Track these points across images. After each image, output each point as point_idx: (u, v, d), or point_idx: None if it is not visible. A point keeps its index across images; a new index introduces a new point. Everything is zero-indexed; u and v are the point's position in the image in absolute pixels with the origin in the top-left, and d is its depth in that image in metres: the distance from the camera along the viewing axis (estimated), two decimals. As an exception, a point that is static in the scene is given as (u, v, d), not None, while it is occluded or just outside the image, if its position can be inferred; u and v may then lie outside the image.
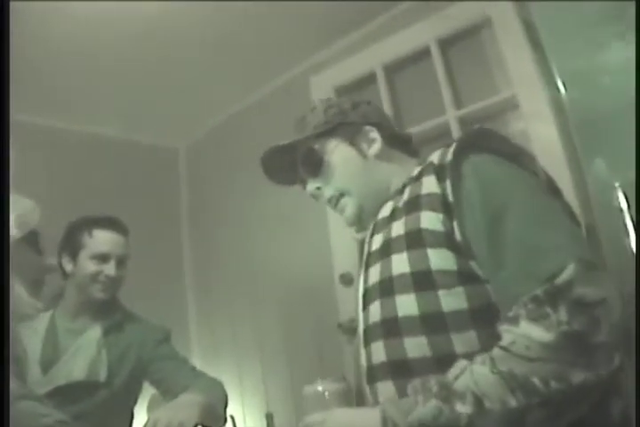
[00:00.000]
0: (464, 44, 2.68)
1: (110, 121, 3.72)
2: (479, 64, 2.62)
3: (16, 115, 3.41)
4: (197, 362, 3.73)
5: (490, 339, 1.05)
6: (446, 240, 1.15)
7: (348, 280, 2.72)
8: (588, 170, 1.73)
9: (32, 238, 1.22)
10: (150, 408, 3.25)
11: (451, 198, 1.16)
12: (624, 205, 1.58)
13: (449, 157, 1.22)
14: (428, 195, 1.20)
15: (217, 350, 3.65)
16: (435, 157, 1.27)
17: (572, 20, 1.82)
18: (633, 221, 1.56)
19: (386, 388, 1.17)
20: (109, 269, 2.26)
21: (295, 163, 1.51)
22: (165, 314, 2.60)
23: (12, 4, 1.73)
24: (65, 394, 2.02)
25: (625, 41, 1.66)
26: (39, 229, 1.25)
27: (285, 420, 3.02)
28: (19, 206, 1.22)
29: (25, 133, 3.48)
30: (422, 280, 1.15)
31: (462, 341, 1.10)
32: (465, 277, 1.13)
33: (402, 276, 1.17)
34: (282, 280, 3.24)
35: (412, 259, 1.17)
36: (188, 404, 1.94)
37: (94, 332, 2.23)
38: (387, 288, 1.20)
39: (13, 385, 1.09)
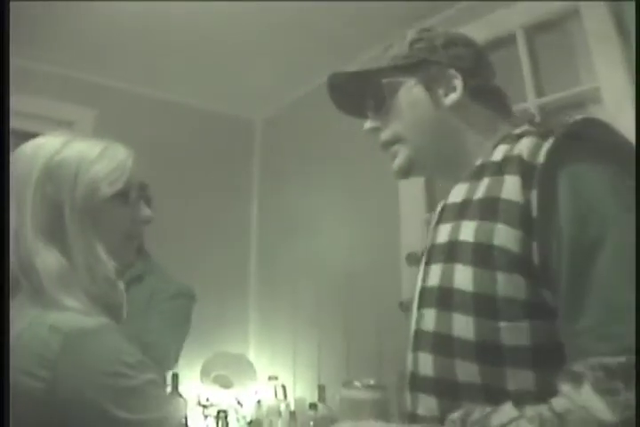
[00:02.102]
0: (550, 33, 2.65)
1: (190, 90, 3.80)
2: (564, 54, 2.58)
3: (99, 80, 3.56)
4: (253, 330, 3.83)
5: (546, 384, 0.93)
6: (521, 264, 0.98)
7: (414, 260, 2.73)
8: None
9: (125, 192, 1.20)
10: (204, 373, 3.35)
11: (535, 213, 0.98)
12: None
13: (541, 157, 1.01)
14: (508, 202, 1.01)
15: (275, 319, 3.72)
16: (524, 149, 1.04)
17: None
18: None
19: (429, 403, 1.07)
20: (143, 209, 2.26)
21: (362, 98, 1.33)
22: (226, 281, 2.66)
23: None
24: None
25: None
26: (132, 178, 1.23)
27: (336, 393, 3.07)
28: (112, 157, 1.21)
29: (109, 98, 3.61)
30: (485, 305, 1.00)
31: (517, 378, 0.98)
32: (534, 309, 0.98)
33: (463, 293, 1.02)
34: (347, 256, 3.26)
35: (477, 277, 1.01)
36: None
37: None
38: (445, 300, 1.06)
39: None
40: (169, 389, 2.59)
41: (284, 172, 3.94)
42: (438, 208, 1.25)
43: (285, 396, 3.28)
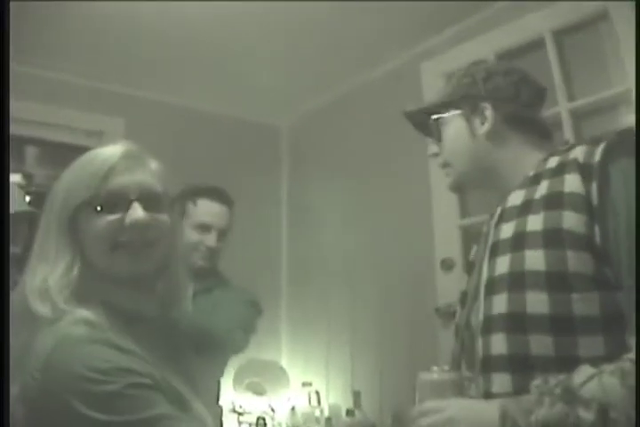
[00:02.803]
0: (580, 36, 2.63)
1: (216, 97, 3.83)
2: (594, 57, 2.57)
3: (123, 89, 3.60)
4: (286, 337, 3.84)
5: (616, 348, 1.08)
6: (587, 243, 1.13)
7: (448, 266, 2.74)
8: None
9: (103, 198, 1.18)
10: (237, 380, 3.36)
11: (595, 202, 1.14)
12: None
13: (597, 157, 1.18)
14: (571, 194, 1.17)
15: (308, 326, 3.72)
16: (579, 154, 1.22)
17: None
18: None
19: (502, 380, 1.19)
20: (210, 239, 2.31)
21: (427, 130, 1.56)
22: (258, 288, 2.67)
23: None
24: None
25: None
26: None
27: (370, 399, 3.08)
28: (89, 163, 1.21)
29: (133, 106, 3.65)
30: (557, 281, 1.14)
31: (588, 345, 1.11)
32: (600, 282, 1.13)
33: (536, 273, 1.16)
34: (381, 263, 3.27)
35: (549, 258, 1.16)
36: None
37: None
38: (517, 283, 1.19)
39: None
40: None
41: (311, 178, 3.95)
42: (497, 212, 1.38)
43: (319, 402, 3.29)
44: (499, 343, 1.20)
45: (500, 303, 1.22)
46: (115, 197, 1.15)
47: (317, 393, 3.31)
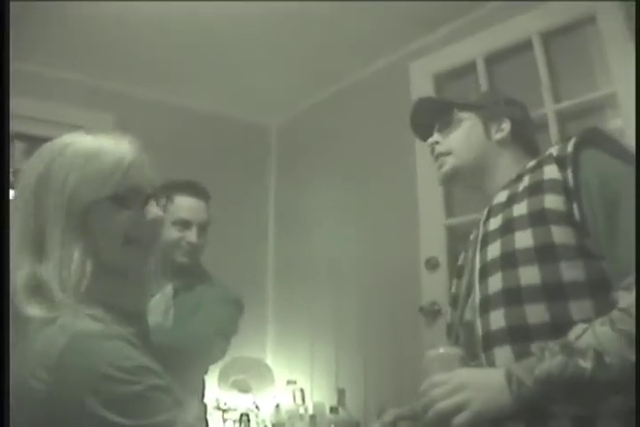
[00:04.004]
0: (566, 38, 2.65)
1: (207, 96, 3.83)
2: (581, 59, 2.59)
3: (117, 86, 3.60)
4: (271, 335, 3.84)
5: (604, 308, 1.19)
6: (567, 218, 1.29)
7: (433, 265, 2.76)
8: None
9: (121, 194, 1.16)
10: (222, 377, 3.36)
11: (571, 184, 1.31)
12: None
13: (569, 149, 1.37)
14: (550, 180, 1.35)
15: (292, 323, 3.74)
16: (554, 150, 1.43)
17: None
18: None
19: (504, 352, 1.28)
20: (191, 235, 2.29)
21: (434, 120, 1.72)
22: (243, 286, 2.66)
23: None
24: None
25: None
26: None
27: (354, 397, 3.09)
28: (104, 159, 1.16)
29: (122, 103, 3.64)
30: (545, 253, 1.29)
31: (579, 308, 1.23)
32: (583, 251, 1.27)
33: (526, 250, 1.31)
34: (367, 262, 3.29)
35: (537, 234, 1.31)
36: None
37: (166, 292, 2.19)
38: (509, 261, 1.33)
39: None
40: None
41: (299, 177, 3.96)
42: (485, 212, 1.54)
43: (304, 400, 3.30)
44: (498, 318, 1.31)
45: (496, 282, 1.35)
46: (133, 193, 1.16)
47: (302, 391, 3.32)
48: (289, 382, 3.37)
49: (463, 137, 1.64)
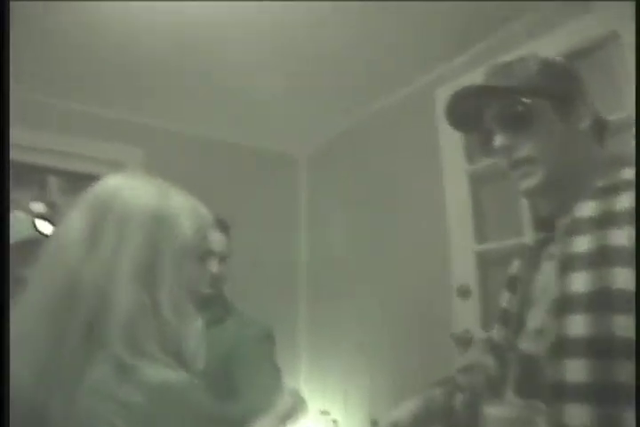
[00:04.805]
0: (591, 58, 2.64)
1: (234, 126, 3.87)
2: (606, 79, 2.56)
3: (141, 119, 3.64)
4: (304, 365, 3.81)
5: None
6: None
7: (464, 292, 2.72)
8: None
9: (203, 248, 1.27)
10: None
11: None
12: None
13: None
14: None
15: (323, 355, 3.72)
16: None
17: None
18: None
19: (580, 410, 1.04)
20: (212, 266, 2.29)
21: (482, 109, 1.32)
22: (276, 316, 2.65)
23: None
24: None
25: None
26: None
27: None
28: (200, 214, 1.28)
29: (150, 136, 3.68)
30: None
31: None
32: None
33: (626, 293, 1.04)
34: (397, 290, 3.27)
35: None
36: None
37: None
38: (604, 302, 1.06)
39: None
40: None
41: (327, 206, 3.96)
42: (559, 222, 1.28)
43: (337, 430, 3.26)
44: (578, 368, 1.06)
45: (577, 324, 1.08)
46: (207, 251, 1.28)
47: (335, 422, 3.29)
48: (322, 413, 3.34)
49: (541, 136, 1.25)
